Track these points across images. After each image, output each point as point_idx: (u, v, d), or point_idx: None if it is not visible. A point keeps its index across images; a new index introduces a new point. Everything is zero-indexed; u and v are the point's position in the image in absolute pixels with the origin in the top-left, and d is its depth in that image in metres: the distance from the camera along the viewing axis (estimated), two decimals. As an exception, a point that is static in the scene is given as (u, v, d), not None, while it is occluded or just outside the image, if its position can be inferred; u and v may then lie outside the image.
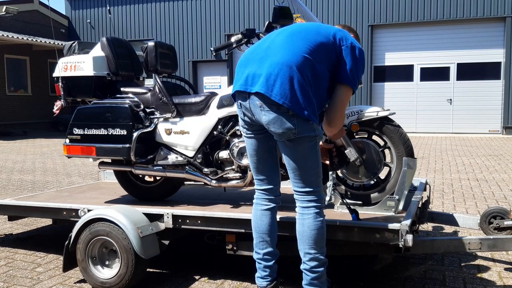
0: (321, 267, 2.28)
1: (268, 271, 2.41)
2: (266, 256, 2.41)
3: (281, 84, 2.11)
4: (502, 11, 13.60)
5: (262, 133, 2.34)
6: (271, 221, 2.42)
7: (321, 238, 2.26)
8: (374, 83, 15.04)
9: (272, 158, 2.42)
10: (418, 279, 2.89)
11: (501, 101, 13.88)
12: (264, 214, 2.42)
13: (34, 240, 3.87)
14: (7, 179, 6.99)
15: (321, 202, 2.29)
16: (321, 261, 2.28)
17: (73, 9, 18.56)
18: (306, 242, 2.26)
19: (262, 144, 2.37)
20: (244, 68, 2.27)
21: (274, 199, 2.45)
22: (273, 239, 2.43)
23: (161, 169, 3.17)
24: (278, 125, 2.16)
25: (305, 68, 2.14)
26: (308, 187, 2.26)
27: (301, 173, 2.24)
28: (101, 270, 2.83)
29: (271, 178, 2.43)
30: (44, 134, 15.98)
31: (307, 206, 2.27)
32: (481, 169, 7.28)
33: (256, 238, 2.43)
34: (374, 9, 14.79)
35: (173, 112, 3.13)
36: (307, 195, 2.27)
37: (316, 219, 2.25)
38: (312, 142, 2.21)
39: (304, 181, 2.25)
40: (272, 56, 2.18)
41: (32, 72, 17.55)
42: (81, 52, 3.43)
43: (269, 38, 2.32)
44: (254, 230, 2.45)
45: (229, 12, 16.47)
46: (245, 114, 2.30)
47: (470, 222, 3.23)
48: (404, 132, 2.82)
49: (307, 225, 2.25)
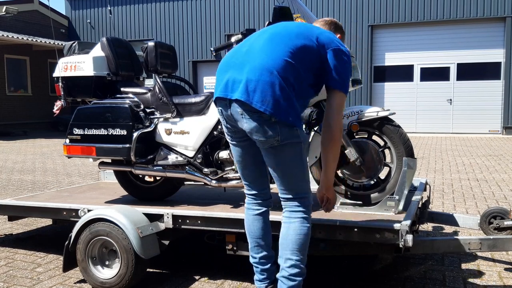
0: (300, 277, 2.18)
1: (265, 274, 2.38)
2: (262, 260, 2.38)
3: (262, 90, 2.03)
4: (502, 11, 13.60)
5: (247, 139, 2.27)
6: (263, 225, 2.38)
7: (305, 245, 2.19)
8: (374, 83, 15.05)
9: (259, 163, 2.36)
10: (418, 279, 2.89)
11: (501, 101, 13.88)
12: (255, 219, 2.38)
13: (34, 240, 3.87)
14: (7, 179, 6.99)
15: (308, 209, 2.22)
16: (301, 269, 2.18)
17: (73, 9, 18.56)
18: (289, 246, 2.17)
19: (247, 150, 2.31)
20: (224, 73, 2.19)
21: (264, 203, 2.40)
22: (267, 242, 2.38)
23: (161, 169, 3.17)
24: (260, 133, 2.09)
25: (287, 72, 2.07)
26: (295, 195, 2.20)
27: (287, 180, 2.18)
28: (101, 270, 2.83)
29: (259, 183, 2.38)
30: (44, 134, 15.98)
31: (294, 211, 2.21)
32: (481, 169, 7.28)
33: (251, 243, 2.40)
34: (374, 9, 14.79)
35: (173, 112, 3.13)
36: (294, 201, 2.21)
37: (302, 224, 2.19)
38: (296, 148, 2.15)
39: (291, 188, 2.19)
40: (251, 61, 2.10)
41: (32, 72, 17.55)
42: (81, 52, 3.43)
43: (248, 41, 2.24)
44: (248, 235, 2.41)
45: (229, 12, 16.47)
46: (227, 121, 2.24)
47: (470, 222, 3.23)
48: (404, 132, 2.81)
49: (293, 229, 2.18)
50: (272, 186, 2.55)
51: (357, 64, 2.91)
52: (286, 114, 2.06)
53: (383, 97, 15.00)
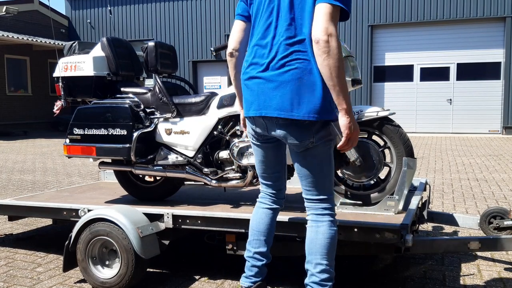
0: (330, 282, 2.10)
1: (254, 271, 2.31)
2: (256, 255, 2.31)
3: (291, 98, 1.96)
4: (502, 11, 13.60)
5: (272, 141, 2.22)
6: (270, 221, 2.33)
7: (333, 248, 2.11)
8: (374, 83, 15.05)
9: (280, 164, 2.31)
10: (418, 279, 2.89)
11: (501, 101, 13.88)
12: (265, 213, 2.33)
13: (34, 240, 3.88)
14: (7, 179, 7.00)
15: (334, 211, 2.15)
16: (331, 274, 2.11)
17: (73, 9, 18.56)
18: (319, 251, 2.09)
19: (271, 152, 2.25)
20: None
21: (278, 201, 2.36)
22: (268, 240, 2.33)
23: (161, 169, 3.17)
24: (295, 137, 2.01)
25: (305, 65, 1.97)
26: (323, 195, 2.12)
27: (316, 180, 2.09)
28: (101, 270, 2.83)
29: (277, 183, 2.34)
30: (44, 134, 15.98)
31: (322, 214, 2.12)
32: (481, 169, 7.28)
33: (251, 236, 2.34)
34: (374, 9, 14.79)
35: (173, 112, 3.13)
36: (321, 202, 2.13)
37: (331, 228, 2.11)
38: (328, 146, 2.06)
39: (319, 188, 2.11)
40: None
41: (32, 72, 17.55)
42: (81, 52, 3.43)
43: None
44: (251, 228, 2.35)
45: (229, 12, 16.46)
46: (256, 126, 2.16)
47: (470, 222, 3.23)
48: (404, 132, 2.82)
49: (322, 233, 2.09)
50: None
51: (357, 64, 2.91)
52: (323, 112, 1.96)
53: (383, 97, 15.00)
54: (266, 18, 2.07)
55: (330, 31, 1.87)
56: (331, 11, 1.89)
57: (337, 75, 1.88)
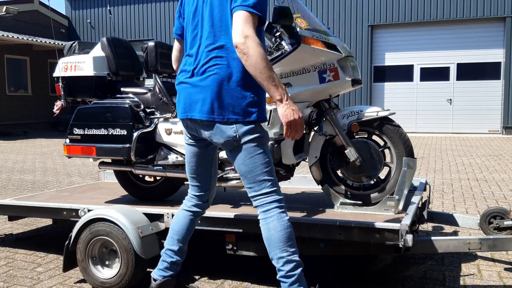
0: (297, 269, 2.12)
1: (164, 266, 2.47)
2: (168, 252, 2.47)
3: (211, 102, 2.12)
4: (502, 11, 13.61)
5: (203, 142, 2.35)
6: (187, 223, 2.47)
7: (290, 237, 2.14)
8: (374, 83, 15.05)
9: (209, 168, 2.43)
10: (418, 279, 2.89)
11: (501, 101, 13.88)
12: (183, 214, 2.48)
13: (34, 240, 3.88)
14: (7, 179, 7.00)
15: (281, 201, 2.19)
16: (296, 262, 2.13)
17: (73, 9, 18.56)
18: (276, 246, 2.13)
19: (201, 152, 2.38)
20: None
21: (200, 205, 2.48)
22: (182, 240, 2.47)
23: (161, 169, 3.17)
24: (218, 137, 2.16)
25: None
26: (264, 189, 2.17)
27: (253, 176, 2.16)
28: (101, 270, 2.83)
29: (203, 186, 2.45)
30: (44, 134, 15.98)
31: (268, 209, 2.16)
32: (481, 169, 7.29)
33: (169, 233, 2.50)
34: (374, 9, 14.79)
35: (173, 112, 3.13)
36: (265, 196, 2.17)
37: (280, 219, 2.14)
38: (257, 143, 2.15)
39: (259, 183, 2.17)
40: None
41: (32, 72, 17.55)
42: (81, 52, 3.43)
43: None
44: (171, 225, 2.51)
45: (229, 12, 16.44)
46: (187, 127, 2.32)
47: (470, 222, 3.23)
48: (404, 132, 2.82)
49: (273, 228, 2.14)
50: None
51: (356, 64, 2.92)
52: (240, 114, 2.11)
53: (383, 97, 15.01)
54: (193, 29, 2.25)
55: (246, 33, 1.98)
56: (246, 16, 2.01)
57: (260, 71, 1.97)
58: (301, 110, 2.77)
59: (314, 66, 2.76)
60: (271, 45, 2.89)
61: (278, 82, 2.00)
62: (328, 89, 2.78)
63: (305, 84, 2.78)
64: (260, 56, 1.97)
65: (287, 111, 2.01)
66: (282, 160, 2.88)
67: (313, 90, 2.79)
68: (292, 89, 2.79)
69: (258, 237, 2.78)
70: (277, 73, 2.79)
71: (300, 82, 2.78)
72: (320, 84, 2.77)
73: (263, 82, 1.99)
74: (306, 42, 2.71)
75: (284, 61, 2.76)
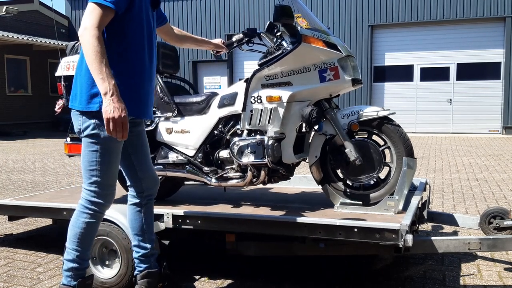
0: (72, 264, 2.28)
1: (136, 262, 2.54)
2: (134, 247, 2.56)
3: (72, 91, 2.25)
4: (502, 11, 13.61)
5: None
6: (133, 217, 2.53)
7: (78, 237, 2.27)
8: (374, 83, 15.05)
9: (124, 158, 2.47)
10: (418, 279, 2.89)
11: (501, 101, 13.89)
12: (129, 209, 2.56)
13: (34, 240, 3.88)
14: (7, 179, 7.00)
15: (90, 204, 2.26)
16: (74, 259, 2.28)
17: (73, 9, 18.56)
18: (68, 237, 2.30)
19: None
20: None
21: (136, 196, 2.53)
22: (138, 234, 2.53)
23: (162, 168, 3.17)
24: (74, 125, 2.26)
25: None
26: (84, 185, 2.27)
27: (82, 168, 2.27)
28: (101, 270, 2.83)
29: (128, 176, 2.52)
30: (44, 134, 15.98)
31: (80, 204, 2.30)
32: (481, 169, 7.29)
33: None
34: (374, 9, 14.80)
35: (174, 111, 3.13)
36: (84, 192, 2.28)
37: (79, 217, 2.28)
38: (90, 137, 2.20)
39: (84, 178, 2.27)
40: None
41: (32, 72, 17.55)
42: (82, 51, 3.43)
43: None
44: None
45: (229, 12, 16.47)
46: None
47: (470, 222, 3.23)
48: (404, 132, 2.81)
49: (72, 220, 2.30)
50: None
51: (356, 64, 2.92)
52: (75, 101, 2.23)
53: (383, 97, 15.01)
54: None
55: (85, 25, 2.05)
56: (92, 8, 2.08)
57: (90, 62, 2.02)
58: (302, 108, 2.77)
59: (315, 65, 2.76)
60: (272, 44, 2.89)
61: (106, 76, 2.00)
62: (328, 88, 2.78)
63: (306, 83, 2.78)
64: (91, 48, 2.00)
65: (108, 107, 2.01)
66: (282, 160, 2.88)
67: (313, 89, 2.78)
68: (292, 88, 2.79)
69: (258, 237, 2.79)
70: (277, 72, 2.80)
71: (300, 81, 2.78)
72: (321, 83, 2.77)
73: (92, 73, 2.03)
74: (307, 41, 2.71)
75: (284, 60, 2.76)
